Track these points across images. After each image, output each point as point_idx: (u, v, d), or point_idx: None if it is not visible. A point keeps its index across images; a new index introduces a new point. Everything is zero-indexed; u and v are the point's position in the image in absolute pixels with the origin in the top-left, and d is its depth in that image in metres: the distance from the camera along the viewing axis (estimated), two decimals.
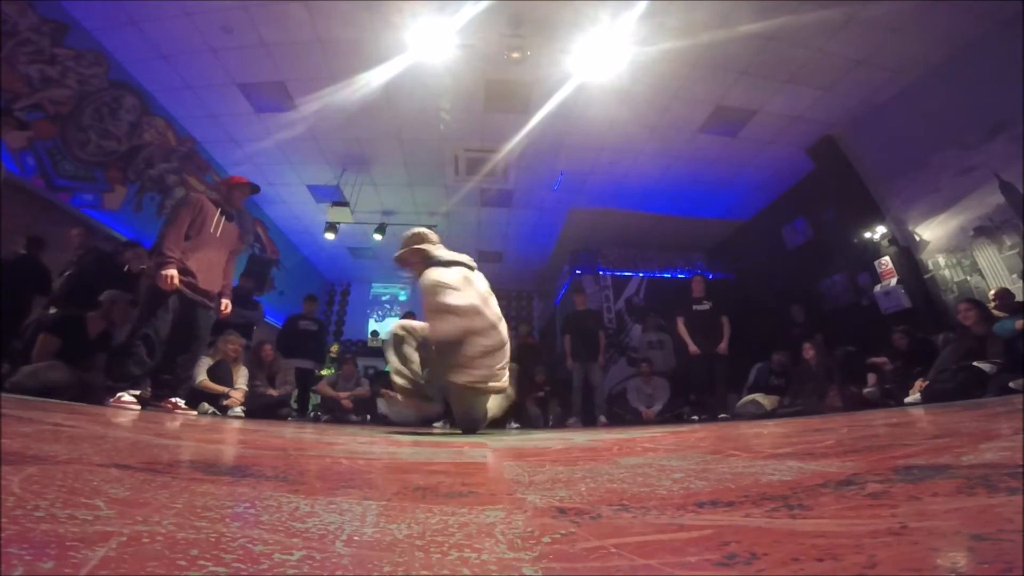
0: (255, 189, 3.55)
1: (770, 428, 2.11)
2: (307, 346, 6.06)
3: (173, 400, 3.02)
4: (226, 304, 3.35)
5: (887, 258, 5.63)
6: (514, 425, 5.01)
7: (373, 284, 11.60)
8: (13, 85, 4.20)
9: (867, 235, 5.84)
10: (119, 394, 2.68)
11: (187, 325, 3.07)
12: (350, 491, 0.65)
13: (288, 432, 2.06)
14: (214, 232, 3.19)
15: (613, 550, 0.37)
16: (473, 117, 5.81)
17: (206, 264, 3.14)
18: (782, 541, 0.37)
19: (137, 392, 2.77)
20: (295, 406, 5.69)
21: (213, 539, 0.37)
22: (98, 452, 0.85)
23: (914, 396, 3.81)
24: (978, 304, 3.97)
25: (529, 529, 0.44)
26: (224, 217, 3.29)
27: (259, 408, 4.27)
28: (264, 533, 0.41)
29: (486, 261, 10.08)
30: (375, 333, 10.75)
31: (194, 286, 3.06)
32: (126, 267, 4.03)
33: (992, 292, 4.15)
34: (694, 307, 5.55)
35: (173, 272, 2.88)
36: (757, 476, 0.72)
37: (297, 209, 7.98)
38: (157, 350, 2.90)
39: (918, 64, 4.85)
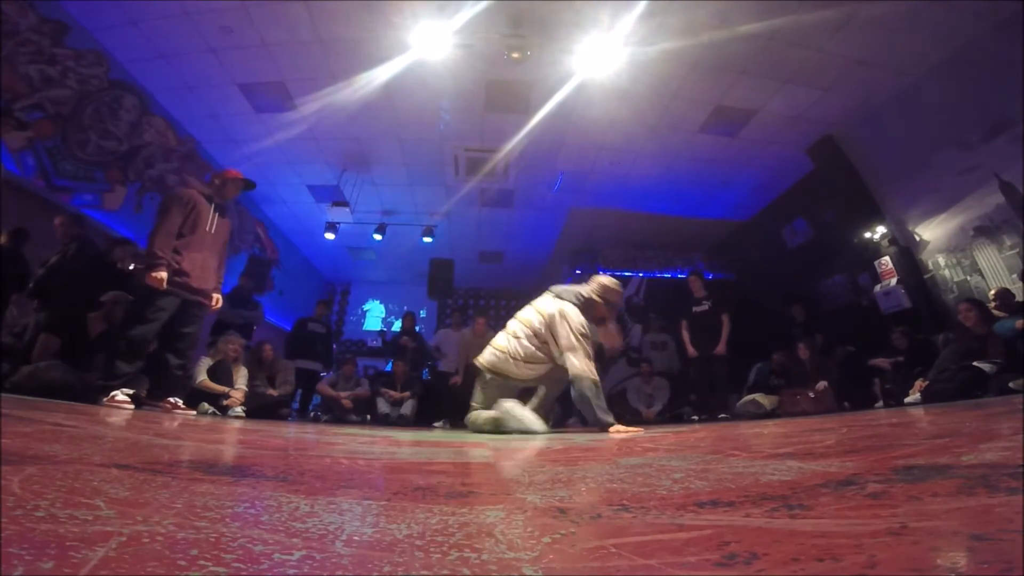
0: (249, 185, 3.49)
1: (770, 428, 2.11)
2: (314, 348, 6.14)
3: (172, 400, 3.02)
4: (217, 299, 3.32)
5: (887, 258, 5.62)
6: None
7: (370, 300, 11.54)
8: (13, 85, 4.19)
9: (867, 235, 5.83)
10: (113, 393, 2.68)
11: (181, 324, 3.06)
12: (350, 491, 0.65)
13: (288, 432, 2.06)
14: (208, 229, 3.17)
15: (613, 550, 0.37)
16: (473, 117, 5.81)
17: (200, 262, 3.12)
18: (782, 541, 0.37)
19: (131, 391, 2.77)
20: (297, 406, 5.70)
21: (213, 539, 0.37)
22: (98, 452, 0.85)
23: (914, 396, 3.81)
24: (978, 304, 3.97)
25: (529, 529, 0.44)
26: (217, 212, 3.25)
27: (259, 408, 4.27)
28: (264, 533, 0.41)
29: (486, 261, 10.10)
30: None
31: (187, 285, 3.03)
32: (117, 264, 4.00)
33: (992, 292, 4.15)
34: (694, 308, 5.53)
35: (163, 275, 2.86)
36: (757, 476, 0.72)
37: (297, 209, 7.97)
38: (147, 349, 2.90)
39: (918, 64, 4.85)
